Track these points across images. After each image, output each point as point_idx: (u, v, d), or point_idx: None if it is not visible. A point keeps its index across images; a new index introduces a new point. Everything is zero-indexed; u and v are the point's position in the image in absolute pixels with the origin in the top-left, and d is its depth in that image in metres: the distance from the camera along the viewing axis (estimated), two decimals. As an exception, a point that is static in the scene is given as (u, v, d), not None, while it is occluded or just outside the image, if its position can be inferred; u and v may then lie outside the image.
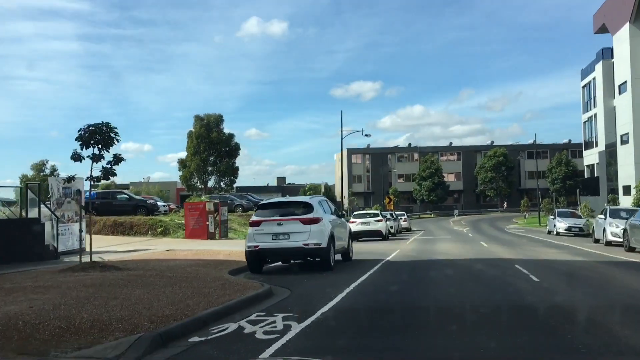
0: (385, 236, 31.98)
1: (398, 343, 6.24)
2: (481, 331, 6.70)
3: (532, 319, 7.65)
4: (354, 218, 32.54)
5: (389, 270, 14.64)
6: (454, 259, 17.18)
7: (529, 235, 37.14)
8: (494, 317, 7.80)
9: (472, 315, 7.93)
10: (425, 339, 6.44)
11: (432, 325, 7.41)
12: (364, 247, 25.55)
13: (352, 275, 12.94)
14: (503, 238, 32.60)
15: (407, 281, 12.37)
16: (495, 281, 12.05)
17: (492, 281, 12.05)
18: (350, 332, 7.00)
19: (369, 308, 8.76)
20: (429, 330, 6.98)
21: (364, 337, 6.49)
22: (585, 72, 66.08)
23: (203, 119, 78.64)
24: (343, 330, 7.09)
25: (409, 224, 50.64)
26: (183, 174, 78.46)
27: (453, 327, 7.03)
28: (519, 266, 14.39)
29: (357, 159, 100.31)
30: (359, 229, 31.49)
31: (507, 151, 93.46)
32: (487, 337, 6.29)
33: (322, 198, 15.82)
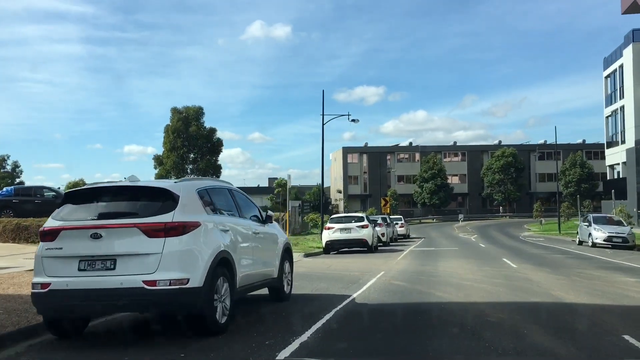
0: (372, 247, 24.28)
1: None
2: None
3: None
4: (330, 223, 24.83)
5: (335, 339, 6.92)
6: (474, 305, 9.01)
7: (557, 246, 29.35)
8: None
9: None
10: None
11: None
12: (335, 264, 17.85)
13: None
14: (528, 251, 24.79)
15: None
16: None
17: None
18: None
19: None
20: None
21: None
22: (610, 60, 58.32)
23: (181, 112, 71.15)
24: None
25: (406, 230, 42.87)
26: (158, 172, 70.81)
27: None
28: (630, 338, 6.55)
29: (353, 158, 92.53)
30: (336, 238, 23.81)
31: (516, 151, 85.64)
32: None
33: (211, 184, 8.06)
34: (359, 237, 23.85)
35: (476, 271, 14.82)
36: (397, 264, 17.96)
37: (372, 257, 20.98)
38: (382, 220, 32.49)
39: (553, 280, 12.44)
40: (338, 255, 22.76)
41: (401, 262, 18.73)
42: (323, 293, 10.85)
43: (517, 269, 15.46)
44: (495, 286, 11.39)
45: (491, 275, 13.58)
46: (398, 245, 30.68)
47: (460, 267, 16.11)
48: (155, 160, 71.66)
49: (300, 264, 18.49)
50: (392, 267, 16.46)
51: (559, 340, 6.36)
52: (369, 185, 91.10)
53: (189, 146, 70.67)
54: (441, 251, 24.73)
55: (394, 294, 10.43)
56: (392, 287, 11.52)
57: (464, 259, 19.29)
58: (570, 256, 21.54)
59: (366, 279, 13.30)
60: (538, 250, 25.58)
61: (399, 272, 14.89)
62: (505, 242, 34.45)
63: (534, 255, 21.56)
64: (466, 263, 17.66)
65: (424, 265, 17.00)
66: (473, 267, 16.04)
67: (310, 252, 23.51)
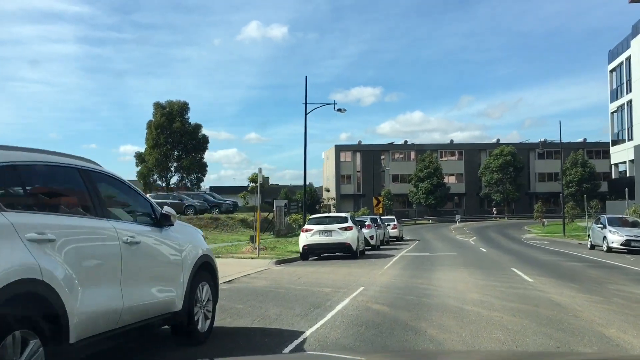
0: (357, 252, 20.94)
1: None
2: None
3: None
4: (309, 224, 21.47)
5: None
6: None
7: (567, 250, 26.08)
8: None
9: None
10: None
11: None
12: (307, 274, 14.52)
13: None
14: (538, 257, 21.48)
15: None
16: None
17: None
18: None
19: None
20: None
21: None
22: (615, 52, 55.14)
23: (165, 106, 67.72)
24: None
25: (399, 231, 39.58)
26: (140, 170, 67.38)
27: None
28: None
29: (346, 157, 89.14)
30: (315, 241, 20.49)
31: (515, 150, 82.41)
32: None
33: (28, 157, 4.60)
34: (341, 241, 20.51)
35: (482, 287, 11.47)
36: (383, 274, 14.63)
37: (355, 265, 17.64)
38: (371, 221, 29.20)
39: (590, 305, 9.10)
40: (316, 263, 19.43)
41: (388, 272, 15.40)
42: (266, 327, 7.51)
43: (534, 284, 12.11)
44: (514, 316, 8.04)
45: (503, 296, 10.23)
46: (389, 249, 27.35)
47: (461, 281, 12.78)
48: (137, 157, 68.21)
49: (265, 274, 15.16)
50: (376, 280, 13.11)
51: None
52: (362, 185, 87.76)
53: (173, 143, 67.26)
54: (437, 257, 21.41)
55: (367, 331, 7.08)
56: (366, 316, 8.17)
57: (464, 269, 15.95)
58: (589, 264, 18.22)
59: (337, 299, 9.98)
60: (548, 256, 22.26)
61: (382, 288, 11.55)
62: (508, 245, 31.16)
63: (546, 264, 18.23)
64: (468, 274, 14.32)
65: (415, 278, 13.65)
66: (477, 281, 12.70)
67: (284, 258, 20.19)
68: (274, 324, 7.71)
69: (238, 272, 15.35)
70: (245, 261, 18.86)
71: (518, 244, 33.30)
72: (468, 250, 25.62)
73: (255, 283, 13.10)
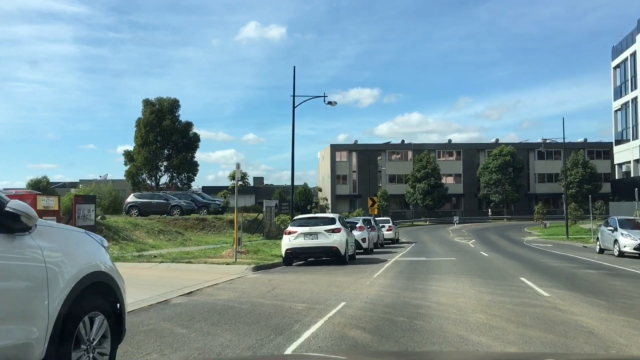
0: (345, 256, 18.87)
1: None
2: None
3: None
4: (292, 226, 19.40)
5: None
6: None
7: (575, 255, 24.08)
8: None
9: None
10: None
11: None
12: (283, 284, 12.47)
13: None
14: (546, 263, 19.42)
15: None
16: None
17: None
18: None
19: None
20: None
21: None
22: (619, 48, 53.23)
23: (154, 104, 65.60)
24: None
25: (394, 233, 37.55)
26: (129, 169, 65.25)
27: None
28: None
29: (341, 156, 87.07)
30: (298, 245, 18.45)
31: (514, 150, 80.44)
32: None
33: None
34: (328, 245, 18.45)
35: (488, 304, 9.42)
36: (372, 284, 12.58)
37: (341, 272, 15.61)
38: (363, 222, 27.16)
39: (628, 331, 7.07)
40: (299, 269, 17.39)
41: (378, 281, 13.35)
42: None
43: (551, 299, 10.06)
44: (535, 347, 6.00)
45: (516, 317, 8.18)
46: (382, 253, 25.31)
47: (462, 294, 10.74)
48: (125, 156, 66.09)
49: (235, 284, 13.13)
50: (361, 293, 11.07)
51: None
52: (358, 185, 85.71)
53: (163, 141, 65.17)
54: (434, 263, 19.37)
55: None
56: (339, 350, 6.13)
57: (465, 277, 13.90)
58: (605, 272, 16.18)
59: (309, 320, 7.96)
60: (557, 261, 20.22)
61: (367, 305, 9.51)
62: (510, 249, 29.15)
63: (557, 271, 16.20)
64: (470, 285, 12.28)
65: (408, 289, 11.61)
66: (481, 295, 10.65)
67: (265, 264, 18.15)
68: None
69: (205, 281, 13.32)
70: (219, 267, 16.82)
71: (520, 247, 31.29)
72: (468, 255, 23.60)
73: (218, 296, 11.08)
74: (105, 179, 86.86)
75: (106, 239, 23.91)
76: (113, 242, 25.18)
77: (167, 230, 32.87)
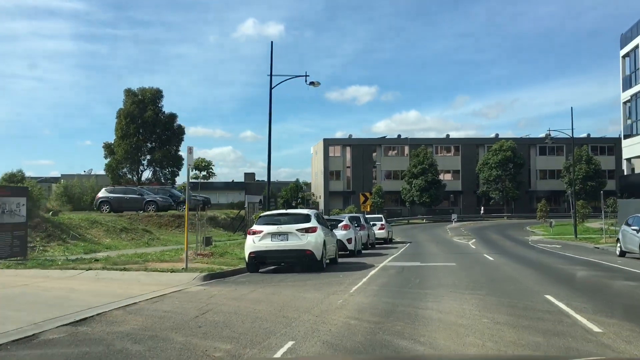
0: (322, 261, 15.46)
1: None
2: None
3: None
4: (258, 224, 15.93)
5: None
6: None
7: (593, 258, 20.71)
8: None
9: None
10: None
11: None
12: (223, 307, 9.06)
13: None
14: (567, 270, 15.97)
15: None
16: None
17: None
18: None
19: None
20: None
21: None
22: (629, 36, 49.78)
23: (136, 94, 62.11)
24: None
25: (387, 232, 34.15)
26: (109, 163, 61.75)
27: None
28: None
29: (335, 151, 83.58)
30: (265, 247, 15.08)
31: (515, 145, 77.09)
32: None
33: None
34: (300, 247, 15.02)
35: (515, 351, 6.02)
36: (343, 306, 9.18)
37: (310, 284, 12.22)
38: (350, 220, 23.76)
39: None
40: (260, 278, 13.98)
41: (353, 300, 9.95)
42: None
43: (607, 338, 6.64)
44: None
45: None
46: (371, 256, 21.92)
47: (471, 328, 7.32)
48: (105, 148, 62.47)
49: (163, 303, 9.75)
50: (323, 323, 7.67)
51: None
52: (352, 182, 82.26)
53: (145, 134, 61.66)
54: (430, 270, 15.96)
55: None
56: None
57: (471, 295, 10.47)
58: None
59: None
60: (579, 268, 16.79)
61: (323, 349, 6.12)
62: (516, 250, 25.80)
63: (587, 283, 12.81)
64: (479, 309, 8.85)
65: (390, 318, 8.18)
66: (500, 330, 7.19)
67: (224, 270, 14.78)
68: None
69: (127, 298, 9.96)
70: (161, 276, 13.42)
71: (527, 248, 27.97)
72: (470, 259, 20.22)
73: (121, 325, 7.71)
74: (90, 173, 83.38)
75: (51, 238, 20.22)
76: (59, 241, 21.76)
77: (132, 228, 29.42)
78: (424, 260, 19.59)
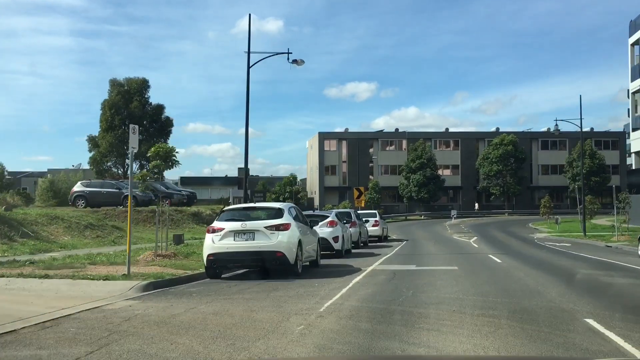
0: (296, 264, 12.74)
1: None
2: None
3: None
4: (219, 221, 13.17)
5: None
6: None
7: (617, 260, 18.00)
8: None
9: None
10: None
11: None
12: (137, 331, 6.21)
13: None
14: (600, 280, 13.15)
15: None
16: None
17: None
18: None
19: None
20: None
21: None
22: (638, 23, 47.24)
23: (122, 84, 59.42)
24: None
25: (382, 229, 31.49)
26: (93, 156, 59.05)
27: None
28: None
29: (330, 145, 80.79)
30: (227, 248, 12.41)
31: (517, 139, 74.40)
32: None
33: None
34: (269, 248, 12.29)
35: None
36: (300, 338, 6.46)
37: (271, 298, 9.53)
38: (338, 216, 21.10)
39: None
40: (215, 287, 11.29)
41: (319, 325, 7.24)
42: None
43: None
44: None
45: None
46: (361, 257, 19.24)
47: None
48: (89, 141, 59.72)
49: (54, 330, 7.06)
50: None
51: None
52: (348, 177, 79.53)
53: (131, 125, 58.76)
54: (427, 277, 13.23)
55: None
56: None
57: (482, 319, 7.67)
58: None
59: None
60: (604, 273, 14.07)
61: None
62: (524, 250, 23.16)
63: (625, 293, 10.13)
64: (495, 344, 6.11)
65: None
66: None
67: (175, 277, 12.12)
68: None
69: (9, 321, 7.26)
70: (90, 285, 10.74)
71: (534, 247, 25.36)
72: (474, 261, 17.54)
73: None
74: (78, 168, 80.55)
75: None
76: (5, 239, 19.07)
77: (100, 225, 26.75)
78: (421, 262, 16.91)
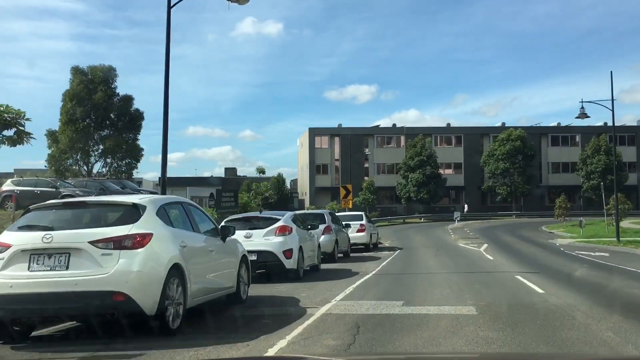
0: (167, 320, 6.45)
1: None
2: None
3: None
4: (9, 231, 6.76)
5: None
6: None
7: None
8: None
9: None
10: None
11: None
12: None
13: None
14: None
15: None
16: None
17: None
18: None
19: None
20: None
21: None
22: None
23: (85, 72, 52.98)
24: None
25: (369, 236, 25.09)
26: (51, 153, 52.55)
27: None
28: None
29: (322, 142, 74.43)
30: (10, 288, 5.97)
31: (525, 134, 68.09)
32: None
33: None
34: (100, 287, 5.83)
35: None
36: None
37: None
38: (296, 220, 14.74)
39: None
40: None
41: None
42: None
43: None
44: None
45: None
46: (325, 278, 12.89)
47: None
48: (49, 137, 53.11)
49: None
50: None
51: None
52: (341, 176, 73.16)
53: (96, 119, 52.43)
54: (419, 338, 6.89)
55: None
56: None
57: None
58: None
59: None
60: None
61: None
62: (558, 265, 16.86)
63: None
64: None
65: None
66: None
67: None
68: None
69: None
70: None
71: (569, 259, 19.08)
72: (498, 289, 11.16)
73: None
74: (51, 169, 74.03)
75: None
76: None
77: None
78: (414, 293, 10.56)
